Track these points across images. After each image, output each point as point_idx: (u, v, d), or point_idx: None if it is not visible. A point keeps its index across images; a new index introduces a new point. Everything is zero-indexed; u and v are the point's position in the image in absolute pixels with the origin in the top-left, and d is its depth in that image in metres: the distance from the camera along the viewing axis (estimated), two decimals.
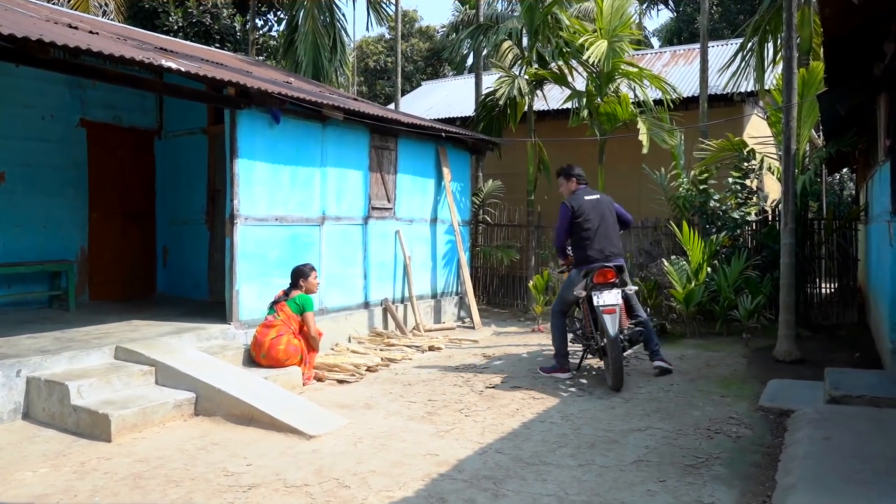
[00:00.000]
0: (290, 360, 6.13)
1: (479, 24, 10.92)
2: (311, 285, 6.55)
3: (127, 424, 4.67)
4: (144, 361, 5.46)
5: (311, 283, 6.56)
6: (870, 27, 4.68)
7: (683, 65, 13.10)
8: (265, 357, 6.11)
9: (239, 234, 6.71)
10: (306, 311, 6.38)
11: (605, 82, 10.08)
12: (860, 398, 5.02)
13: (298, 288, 6.48)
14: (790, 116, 6.98)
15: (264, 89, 6.64)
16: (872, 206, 7.89)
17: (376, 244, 8.60)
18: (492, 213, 11.87)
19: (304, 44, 13.25)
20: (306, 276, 6.54)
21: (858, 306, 9.25)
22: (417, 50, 27.61)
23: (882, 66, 5.40)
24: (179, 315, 7.30)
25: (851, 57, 5.30)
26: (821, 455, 3.97)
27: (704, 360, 7.09)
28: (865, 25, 4.57)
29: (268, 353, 6.10)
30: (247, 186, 6.78)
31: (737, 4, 28.25)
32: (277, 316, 6.30)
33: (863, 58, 5.53)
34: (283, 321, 6.26)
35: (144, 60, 5.47)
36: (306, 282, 6.53)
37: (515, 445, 4.48)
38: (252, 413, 4.92)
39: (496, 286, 11.80)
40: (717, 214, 9.03)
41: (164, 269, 9.10)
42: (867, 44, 5.11)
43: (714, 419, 5.03)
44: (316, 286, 6.63)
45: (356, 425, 4.93)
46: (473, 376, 6.50)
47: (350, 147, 8.14)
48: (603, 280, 5.88)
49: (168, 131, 9.02)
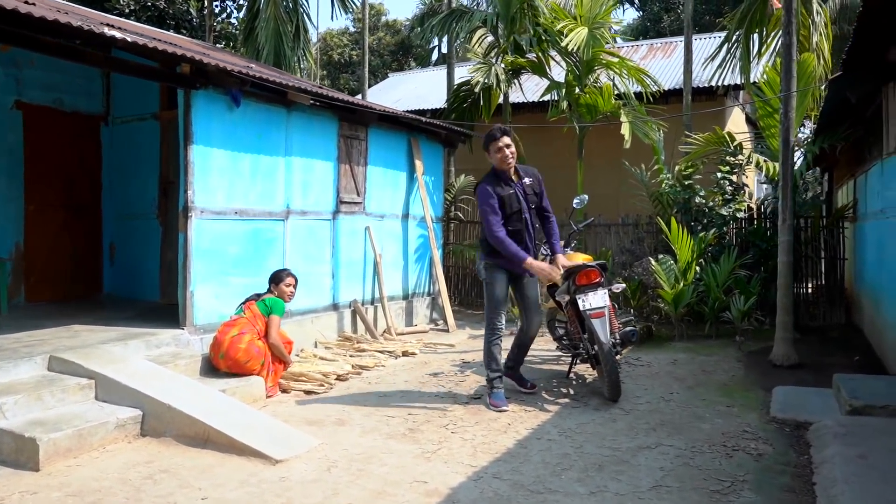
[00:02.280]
0: (251, 362, 5.49)
1: (451, 10, 10.36)
2: (282, 292, 6.01)
3: (59, 449, 3.98)
4: (82, 373, 4.75)
5: (283, 290, 6.02)
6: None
7: (662, 58, 12.74)
8: (223, 357, 5.47)
9: (194, 229, 6.02)
10: (272, 313, 5.78)
11: (584, 72, 9.62)
12: (883, 409, 4.61)
13: (270, 293, 5.99)
14: (790, 106, 6.57)
15: (223, 67, 5.97)
16: (867, 202, 7.56)
17: (345, 241, 7.97)
18: (465, 209, 11.32)
19: (266, 31, 12.50)
20: (279, 282, 6.04)
21: (845, 307, 8.95)
22: (384, 44, 26.94)
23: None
24: (127, 319, 6.57)
25: (868, 38, 4.88)
26: (861, 478, 3.51)
27: (699, 364, 6.65)
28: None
29: (227, 352, 5.46)
30: (203, 176, 6.10)
31: (702, 4, 28.24)
32: (243, 314, 5.73)
33: (876, 41, 5.12)
34: (248, 319, 5.69)
35: (84, 28, 4.76)
36: (277, 287, 6.02)
37: (514, 469, 3.92)
38: (208, 433, 4.27)
39: (468, 286, 11.26)
40: (703, 211, 8.63)
41: (111, 267, 8.31)
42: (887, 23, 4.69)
43: (727, 433, 4.55)
44: (289, 295, 6.08)
45: (328, 446, 4.32)
46: (455, 385, 5.93)
47: (317, 136, 7.49)
48: (587, 281, 5.36)
49: (116, 117, 8.24)
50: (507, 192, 5.17)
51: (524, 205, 5.22)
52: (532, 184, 5.34)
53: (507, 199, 5.16)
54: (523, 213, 5.21)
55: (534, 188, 5.34)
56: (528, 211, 5.24)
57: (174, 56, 5.57)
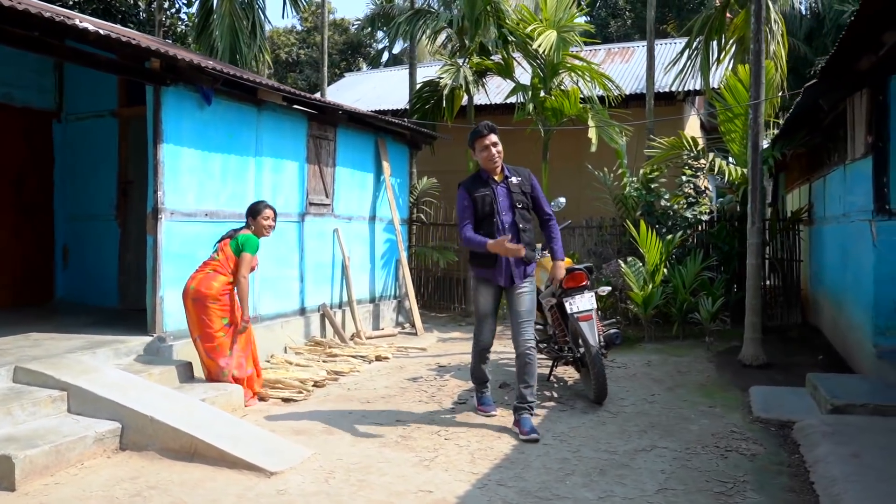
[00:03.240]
0: (219, 303, 5.27)
1: (417, 11, 10.27)
2: (259, 227, 5.57)
3: (36, 467, 3.73)
4: (53, 385, 4.48)
5: (260, 224, 5.56)
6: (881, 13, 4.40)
7: (620, 62, 12.93)
8: (193, 291, 5.27)
9: (164, 232, 5.77)
10: (244, 251, 5.40)
11: (550, 75, 9.67)
12: (863, 407, 4.74)
13: (248, 228, 5.57)
14: (759, 113, 6.75)
15: (195, 62, 5.75)
16: (826, 206, 7.81)
17: (313, 244, 7.78)
18: (427, 211, 11.24)
19: (221, 27, 12.12)
20: (255, 215, 5.58)
21: (801, 307, 9.25)
22: (333, 42, 26.57)
23: (874, 59, 5.16)
24: (88, 326, 6.25)
25: (850, 47, 5.03)
26: (860, 477, 3.59)
27: (673, 365, 6.74)
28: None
29: (197, 287, 5.27)
30: (173, 176, 5.86)
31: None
32: (217, 256, 5.45)
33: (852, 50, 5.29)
34: (221, 261, 5.40)
35: (55, 19, 4.50)
36: (255, 222, 5.57)
37: (516, 475, 3.87)
38: (195, 446, 4.08)
39: (431, 289, 11.18)
40: (668, 214, 8.78)
41: (65, 271, 7.90)
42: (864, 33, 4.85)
43: (716, 434, 4.61)
44: (267, 229, 5.61)
45: (322, 456, 4.18)
46: (437, 390, 5.85)
47: (287, 136, 7.30)
48: (574, 284, 5.36)
49: (70, 113, 7.84)
50: (480, 193, 4.80)
51: (500, 205, 4.77)
52: (520, 183, 4.87)
53: (478, 200, 4.79)
54: (497, 214, 4.76)
55: (522, 188, 4.87)
56: (508, 212, 4.78)
57: (147, 50, 5.33)
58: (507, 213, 4.81)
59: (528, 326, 4.78)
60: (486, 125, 4.93)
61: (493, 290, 4.90)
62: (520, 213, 4.84)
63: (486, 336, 5.04)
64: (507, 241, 4.55)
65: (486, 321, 4.99)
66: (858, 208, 6.12)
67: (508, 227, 4.75)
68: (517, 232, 4.76)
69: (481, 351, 5.10)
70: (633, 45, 14.57)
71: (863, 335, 5.90)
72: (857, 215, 6.12)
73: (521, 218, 4.85)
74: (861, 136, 5.79)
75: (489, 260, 4.79)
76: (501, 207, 4.80)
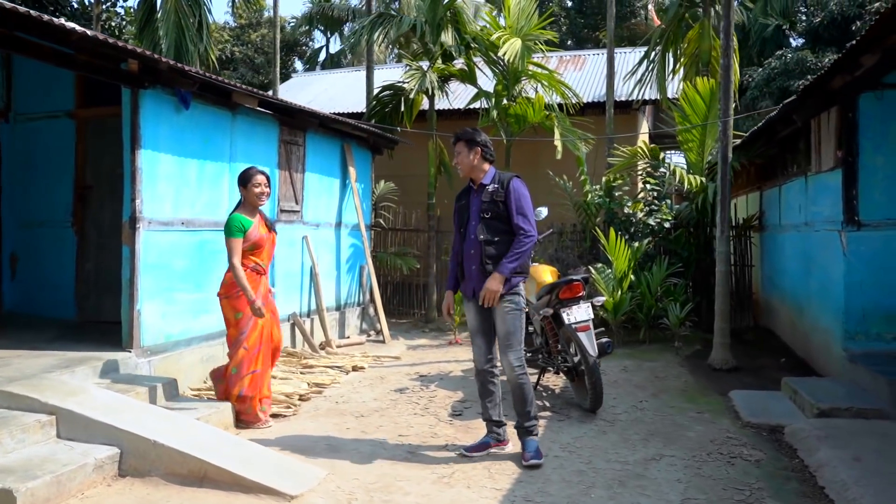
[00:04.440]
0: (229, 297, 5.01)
1: (379, 14, 10.15)
2: (251, 196, 4.95)
3: (37, 500, 3.48)
4: (38, 408, 4.18)
5: (251, 192, 4.94)
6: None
7: (574, 70, 13.17)
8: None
9: (142, 242, 5.49)
10: (226, 236, 4.89)
11: (512, 82, 9.75)
12: (848, 410, 4.99)
13: (241, 205, 5.07)
14: (728, 125, 6.99)
15: (176, 65, 5.50)
16: (782, 215, 8.18)
17: (283, 251, 7.56)
18: (385, 216, 11.14)
19: (167, 23, 11.66)
20: (246, 182, 4.95)
21: (752, 310, 9.66)
22: (268, 41, 25.94)
23: (848, 78, 5.44)
24: (51, 341, 5.88)
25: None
26: (868, 481, 3.77)
27: (648, 371, 6.92)
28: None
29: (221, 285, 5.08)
30: (151, 183, 5.58)
31: (581, 19, 29.56)
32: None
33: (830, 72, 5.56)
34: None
35: (43, 19, 4.22)
36: (245, 191, 4.97)
37: (540, 490, 3.88)
38: (205, 470, 3.89)
39: (390, 294, 11.08)
40: (631, 221, 8.99)
41: (13, 281, 7.40)
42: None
43: (714, 440, 4.75)
44: (260, 197, 4.96)
45: (336, 475, 4.07)
46: (429, 402, 5.79)
47: (260, 141, 7.08)
48: (571, 295, 5.42)
49: (19, 113, 7.34)
50: (460, 203, 4.59)
51: (471, 216, 4.43)
52: (494, 191, 4.36)
53: (458, 210, 4.57)
54: (469, 223, 4.43)
55: (494, 195, 4.35)
56: (475, 222, 4.39)
57: (125, 50, 5.07)
58: (474, 226, 4.41)
59: (511, 349, 4.37)
60: (456, 133, 4.62)
61: (474, 305, 4.48)
62: (486, 224, 4.34)
63: (476, 356, 4.58)
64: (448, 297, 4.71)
65: (474, 340, 4.58)
66: (825, 218, 6.43)
67: (474, 239, 4.38)
68: (480, 245, 4.35)
69: (477, 375, 4.61)
70: (583, 53, 14.87)
71: (831, 339, 6.20)
72: (824, 225, 6.43)
73: (488, 229, 4.34)
74: (830, 151, 6.09)
75: (464, 269, 4.53)
76: (472, 218, 4.43)
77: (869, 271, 5.81)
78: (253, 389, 5.00)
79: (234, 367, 5.03)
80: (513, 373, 4.39)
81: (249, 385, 4.99)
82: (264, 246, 5.08)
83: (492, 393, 4.54)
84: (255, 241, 4.98)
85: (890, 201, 5.79)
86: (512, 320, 4.38)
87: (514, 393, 4.44)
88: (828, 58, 19.37)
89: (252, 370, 5.00)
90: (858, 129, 5.79)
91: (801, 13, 22.72)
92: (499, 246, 4.35)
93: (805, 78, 19.43)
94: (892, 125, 5.75)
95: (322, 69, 26.77)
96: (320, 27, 26.78)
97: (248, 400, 4.99)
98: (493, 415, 4.56)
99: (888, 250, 5.79)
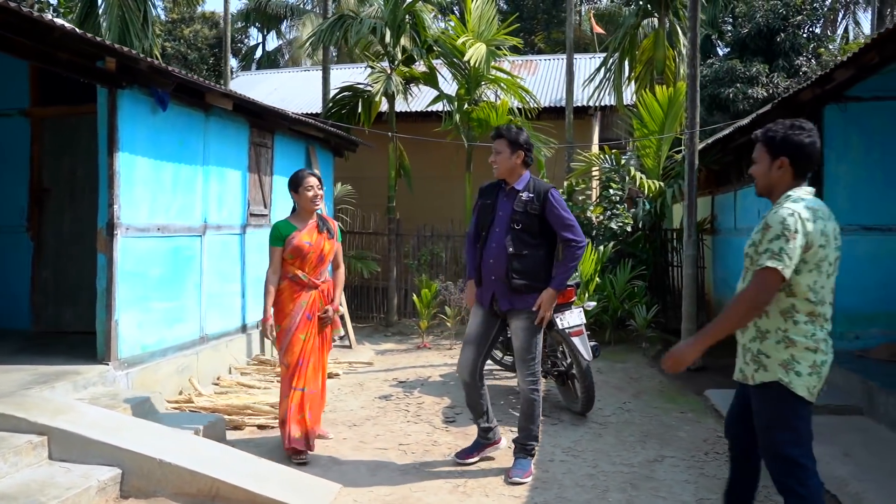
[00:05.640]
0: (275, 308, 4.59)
1: (340, 16, 10.00)
2: (303, 200, 4.56)
3: None
4: (27, 428, 3.93)
5: (304, 196, 4.54)
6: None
7: (528, 75, 13.32)
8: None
9: (119, 249, 5.23)
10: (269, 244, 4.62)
11: (473, 86, 9.80)
12: (824, 408, 5.21)
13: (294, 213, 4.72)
14: (694, 133, 7.24)
15: (156, 64, 5.28)
16: (737, 218, 8.55)
17: (253, 257, 7.37)
18: (343, 219, 10.99)
19: (110, 16, 11.13)
20: (297, 186, 4.57)
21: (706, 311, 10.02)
22: (202, 37, 25.19)
23: (818, 91, 5.72)
24: (14, 354, 5.52)
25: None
26: (865, 476, 3.99)
27: (621, 372, 7.09)
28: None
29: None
30: (128, 188, 5.32)
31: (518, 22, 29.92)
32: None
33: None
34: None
35: (23, 12, 3.96)
36: (298, 195, 4.59)
37: (558, 496, 3.92)
38: (217, 488, 3.75)
39: (350, 297, 10.92)
40: (593, 225, 9.19)
41: None
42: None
43: (707, 440, 4.92)
44: (312, 201, 4.55)
45: (350, 488, 4.00)
46: (418, 408, 5.76)
47: (232, 143, 6.86)
48: (564, 300, 5.50)
49: None
50: (485, 201, 4.40)
51: (497, 220, 4.26)
52: (528, 201, 4.20)
53: (481, 208, 4.41)
54: (493, 228, 4.27)
55: (528, 207, 4.19)
56: (502, 231, 4.22)
57: (103, 46, 4.82)
58: (499, 234, 4.23)
59: (527, 365, 4.28)
60: (496, 128, 4.42)
61: (483, 313, 4.36)
62: (515, 236, 4.18)
63: (461, 364, 4.39)
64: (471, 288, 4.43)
65: (465, 347, 4.41)
66: None
67: (499, 248, 4.20)
68: (505, 256, 4.17)
69: (463, 386, 4.46)
70: (535, 58, 15.10)
71: None
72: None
73: (517, 241, 4.18)
74: None
75: (481, 274, 4.34)
76: (498, 224, 4.26)
77: None
78: (302, 411, 4.49)
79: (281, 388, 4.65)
80: (527, 387, 4.31)
81: (298, 406, 4.49)
82: (307, 255, 4.53)
83: (480, 404, 4.43)
84: (293, 248, 4.50)
85: (852, 207, 6.12)
86: (529, 336, 4.27)
87: (524, 408, 4.35)
88: (755, 66, 20.38)
89: (296, 387, 4.51)
90: (824, 140, 6.09)
91: (728, 24, 23.71)
92: (526, 260, 4.19)
93: (734, 86, 20.43)
94: (853, 136, 6.10)
95: (258, 68, 26.18)
96: (256, 24, 26.20)
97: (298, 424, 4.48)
98: (483, 423, 4.48)
99: (850, 254, 6.07)
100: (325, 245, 4.63)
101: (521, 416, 4.40)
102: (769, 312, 2.82)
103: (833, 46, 24.46)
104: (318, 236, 4.62)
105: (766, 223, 2.77)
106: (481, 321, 4.39)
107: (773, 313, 2.82)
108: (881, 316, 6.02)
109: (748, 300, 2.77)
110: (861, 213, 6.12)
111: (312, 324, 4.56)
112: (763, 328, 2.85)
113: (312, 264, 4.58)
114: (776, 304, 2.80)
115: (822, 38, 22.84)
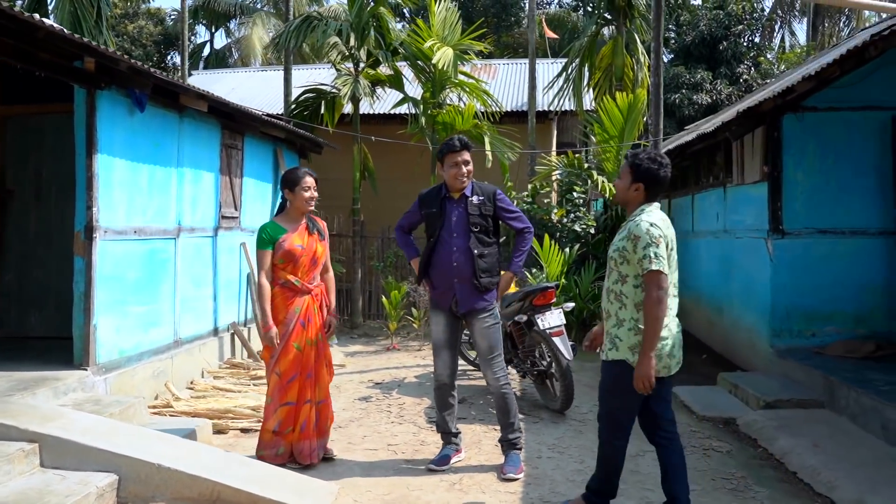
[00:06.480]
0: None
1: (306, 17, 9.96)
2: (299, 200, 4.41)
3: None
4: (17, 436, 3.84)
5: (300, 196, 4.40)
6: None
7: (488, 78, 13.48)
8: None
9: (98, 253, 5.14)
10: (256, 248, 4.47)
11: (438, 90, 9.91)
12: (789, 402, 5.54)
13: (283, 213, 4.58)
14: (658, 138, 7.52)
15: (136, 64, 5.21)
16: (696, 221, 8.90)
17: (224, 259, 7.31)
18: None
19: (62, 12, 10.79)
20: (293, 185, 4.41)
21: None
22: (147, 33, 24.56)
23: (779, 101, 6.04)
24: None
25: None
26: (835, 465, 4.24)
27: (591, 370, 7.28)
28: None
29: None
30: (106, 190, 5.23)
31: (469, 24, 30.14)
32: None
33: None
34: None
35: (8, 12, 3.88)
36: (293, 195, 4.43)
37: (552, 490, 4.06)
38: (218, 492, 3.74)
39: None
40: (557, 227, 9.40)
41: None
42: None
43: (682, 434, 5.03)
44: (308, 202, 4.43)
45: (348, 489, 4.05)
46: (401, 409, 5.82)
47: (204, 145, 6.80)
48: (545, 301, 5.66)
49: None
50: (430, 212, 4.46)
51: (453, 227, 4.35)
52: (480, 204, 4.37)
53: (427, 218, 4.49)
54: (448, 234, 4.35)
55: (482, 209, 4.36)
56: (462, 235, 4.33)
57: (81, 46, 4.74)
58: (462, 237, 4.34)
59: (494, 362, 4.40)
60: (461, 139, 4.45)
61: (445, 317, 4.44)
62: (476, 237, 4.33)
63: (440, 370, 4.48)
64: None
65: (439, 354, 4.47)
66: (747, 227, 7.07)
67: (461, 252, 4.30)
68: (471, 257, 4.29)
69: (438, 389, 4.52)
70: (494, 62, 15.27)
71: (756, 337, 6.84)
72: (746, 233, 7.07)
73: (478, 242, 4.33)
74: (755, 165, 6.71)
75: (436, 280, 4.42)
76: (455, 229, 4.35)
77: (791, 275, 6.46)
78: (288, 424, 4.38)
79: (268, 396, 4.47)
80: (497, 384, 4.42)
81: (285, 420, 4.37)
82: (300, 258, 4.37)
83: (451, 406, 4.54)
84: (284, 252, 4.34)
85: (809, 212, 6.47)
86: (493, 334, 4.42)
87: (499, 405, 4.46)
88: (699, 73, 21.11)
89: (286, 402, 4.39)
90: (782, 147, 6.43)
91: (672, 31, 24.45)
92: (488, 259, 4.37)
93: (680, 91, 21.10)
94: (810, 144, 6.44)
95: (206, 66, 25.69)
96: (203, 21, 25.69)
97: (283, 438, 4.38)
98: (452, 427, 4.57)
99: (807, 256, 6.47)
100: (318, 247, 4.51)
101: (498, 413, 4.50)
102: (626, 305, 3.34)
103: (770, 55, 25.56)
104: (309, 238, 4.46)
105: (632, 234, 3.28)
106: (446, 325, 4.48)
107: (629, 305, 3.34)
108: (836, 315, 6.37)
109: (652, 303, 3.21)
110: (816, 217, 6.46)
111: (306, 331, 4.43)
112: (621, 317, 3.37)
113: (305, 268, 4.43)
114: (633, 298, 3.32)
115: (761, 48, 23.81)
